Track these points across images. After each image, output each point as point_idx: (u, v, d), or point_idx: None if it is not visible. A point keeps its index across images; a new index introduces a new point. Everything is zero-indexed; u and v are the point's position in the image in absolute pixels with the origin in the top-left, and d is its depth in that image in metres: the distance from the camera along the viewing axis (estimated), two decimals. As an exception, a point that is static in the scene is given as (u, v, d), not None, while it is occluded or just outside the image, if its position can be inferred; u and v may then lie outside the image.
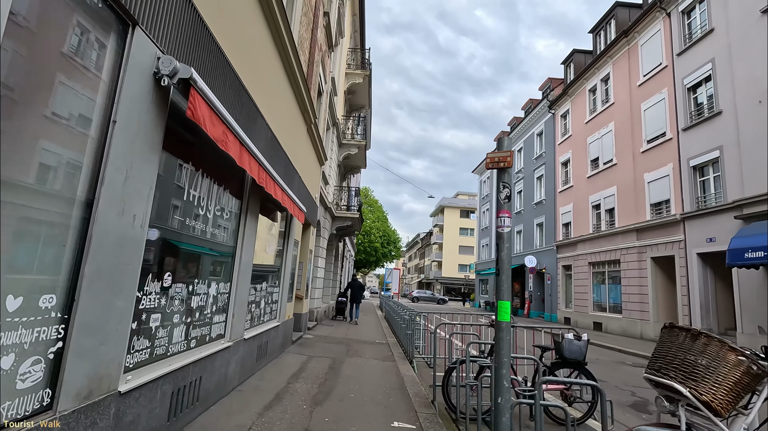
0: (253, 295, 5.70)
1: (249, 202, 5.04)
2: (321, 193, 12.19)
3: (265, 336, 6.31)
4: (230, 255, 4.70)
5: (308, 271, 10.68)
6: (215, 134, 3.26)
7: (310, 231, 10.38)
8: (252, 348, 5.57)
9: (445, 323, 5.89)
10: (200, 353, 3.87)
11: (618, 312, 17.57)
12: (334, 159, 15.23)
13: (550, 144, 25.76)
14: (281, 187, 5.62)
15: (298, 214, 7.13)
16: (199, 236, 3.80)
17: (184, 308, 3.56)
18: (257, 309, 5.99)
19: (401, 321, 10.58)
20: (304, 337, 9.97)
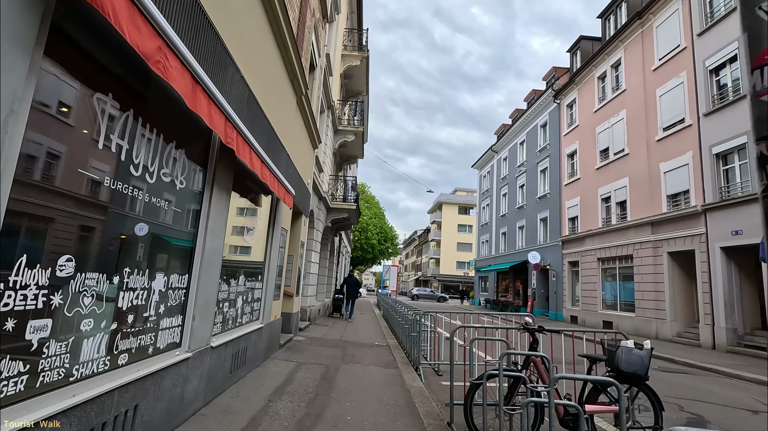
0: (225, 292, 4.60)
1: (216, 174, 3.93)
2: (315, 181, 11.08)
3: (244, 341, 5.21)
4: (188, 241, 3.60)
5: (299, 266, 9.58)
6: (145, 47, 2.15)
7: (302, 221, 9.28)
8: (224, 357, 4.47)
9: (464, 326, 4.79)
10: (136, 372, 2.76)
11: (630, 311, 16.59)
12: (330, 146, 14.11)
13: (555, 135, 24.73)
14: (261, 157, 4.51)
15: (285, 197, 6.03)
16: (127, 208, 2.69)
17: (104, 309, 2.46)
18: (232, 310, 4.88)
19: (403, 321, 9.52)
20: (295, 340, 8.87)
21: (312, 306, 12.42)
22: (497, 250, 33.48)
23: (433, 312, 7.11)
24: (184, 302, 3.55)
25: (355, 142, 16.15)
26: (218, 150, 3.93)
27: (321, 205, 12.95)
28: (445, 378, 6.73)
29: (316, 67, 9.94)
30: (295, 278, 9.02)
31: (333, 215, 14.43)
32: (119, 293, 2.60)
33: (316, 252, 12.61)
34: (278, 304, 7.37)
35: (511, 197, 31.23)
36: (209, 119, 3.03)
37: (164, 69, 2.34)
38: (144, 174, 2.80)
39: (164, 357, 3.20)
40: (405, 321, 8.85)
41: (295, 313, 9.28)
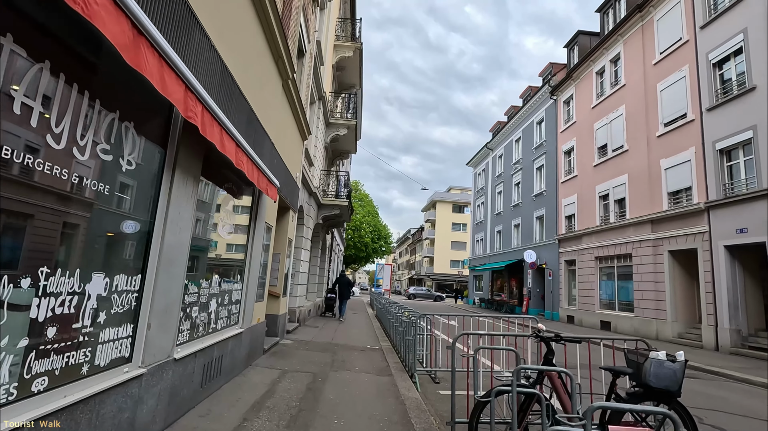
0: (194, 294, 4.01)
1: (180, 156, 3.34)
2: (304, 174, 10.49)
3: (219, 349, 4.63)
4: (141, 234, 3.01)
5: (287, 264, 8.99)
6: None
7: (289, 216, 8.69)
8: (192, 369, 3.88)
9: (468, 334, 4.25)
10: (61, 399, 2.18)
11: (629, 311, 16.21)
12: (321, 139, 13.51)
13: (551, 132, 24.33)
14: (236, 140, 3.93)
15: (268, 189, 5.44)
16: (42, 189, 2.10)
17: (6, 322, 1.87)
18: (204, 314, 4.30)
19: (396, 323, 8.98)
20: (282, 343, 8.29)
21: (302, 307, 11.83)
22: (492, 249, 33.08)
23: (429, 314, 6.58)
24: (136, 308, 2.96)
25: (347, 136, 15.56)
26: (181, 127, 3.34)
27: (311, 200, 12.36)
28: (443, 386, 6.20)
29: (306, 52, 9.34)
30: (282, 277, 8.44)
31: (324, 211, 13.85)
32: (33, 300, 2.02)
33: (305, 250, 12.02)
34: (262, 306, 6.78)
35: (506, 195, 30.83)
36: (161, 84, 2.45)
37: (84, 4, 1.76)
38: (71, 147, 2.21)
39: (106, 376, 2.62)
40: (399, 323, 8.31)
41: (282, 315, 8.69)
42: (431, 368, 6.53)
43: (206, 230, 4.28)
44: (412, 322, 6.80)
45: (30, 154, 1.96)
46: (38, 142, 2.01)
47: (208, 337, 4.41)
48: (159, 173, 3.17)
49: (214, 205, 4.46)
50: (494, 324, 8.55)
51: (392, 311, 9.84)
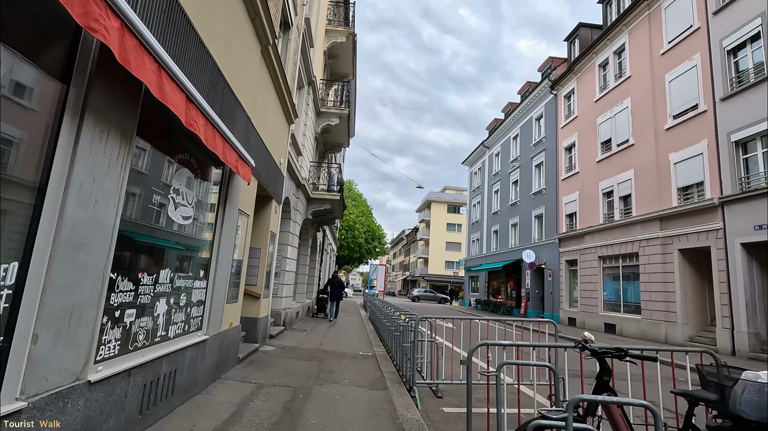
0: (128, 293, 3.04)
1: (92, 96, 2.37)
2: (291, 163, 9.53)
3: (171, 362, 3.67)
4: (21, 202, 2.05)
5: (269, 261, 8.03)
6: None
7: (272, 207, 7.72)
8: (122, 393, 2.92)
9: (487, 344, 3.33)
10: None
11: (636, 313, 15.43)
12: (310, 128, 12.56)
13: (551, 128, 23.57)
14: (184, 89, 2.98)
15: (239, 167, 4.50)
16: None
17: None
18: (145, 319, 3.33)
19: (391, 326, 8.06)
20: (262, 350, 7.31)
21: (288, 309, 10.85)
22: (489, 249, 32.28)
23: (431, 317, 5.65)
24: (11, 311, 2.00)
25: (339, 127, 14.62)
26: (95, 57, 2.38)
27: (299, 193, 11.40)
28: (447, 401, 5.28)
29: (292, 26, 8.39)
30: (263, 276, 7.46)
31: (314, 206, 12.88)
32: None
33: (293, 247, 11.06)
34: (236, 308, 5.81)
35: (503, 194, 30.05)
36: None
37: None
38: None
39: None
40: (395, 327, 7.38)
41: (264, 318, 7.72)
42: (433, 380, 5.60)
43: (150, 210, 3.32)
44: (410, 327, 5.89)
45: None
46: None
47: (154, 348, 3.45)
48: (56, 118, 2.21)
49: (164, 178, 3.50)
50: (505, 330, 7.66)
51: (387, 313, 8.90)
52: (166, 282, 3.62)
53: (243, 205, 5.67)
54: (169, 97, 2.72)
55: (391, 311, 8.67)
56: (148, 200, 3.28)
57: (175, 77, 2.81)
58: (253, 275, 7.31)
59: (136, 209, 3.12)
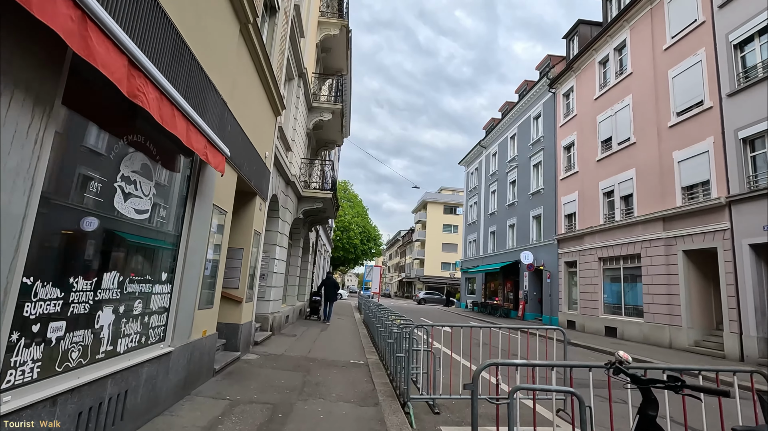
0: (53, 302, 2.46)
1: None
2: (279, 158, 8.96)
3: (119, 382, 3.09)
4: None
5: (254, 262, 7.44)
6: None
7: (256, 204, 7.14)
8: (44, 427, 2.33)
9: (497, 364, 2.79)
10: None
11: (638, 316, 14.96)
12: (301, 123, 11.99)
13: (549, 127, 23.14)
14: (124, 49, 2.42)
15: (208, 154, 3.93)
16: None
17: None
18: (82, 333, 2.75)
19: (385, 332, 7.52)
20: (243, 360, 6.73)
21: (276, 313, 10.26)
22: (485, 250, 31.81)
23: (428, 324, 5.09)
24: None
25: (332, 123, 14.06)
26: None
27: (289, 191, 10.82)
28: (445, 418, 4.73)
29: (279, 10, 7.83)
30: (246, 278, 6.88)
31: (305, 205, 12.30)
32: None
33: (282, 247, 10.48)
34: (210, 314, 5.23)
35: (501, 194, 29.60)
36: None
37: None
38: None
39: None
40: (389, 333, 6.83)
41: (247, 324, 7.13)
42: (430, 394, 5.05)
43: (88, 201, 2.74)
44: (405, 335, 5.34)
45: None
46: None
47: (94, 367, 2.87)
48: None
49: (109, 163, 2.93)
50: (509, 336, 7.06)
51: (381, 318, 8.35)
52: (113, 287, 3.04)
53: (219, 200, 5.10)
54: (99, 55, 2.15)
55: (386, 315, 8.12)
56: (84, 187, 2.70)
57: (108, 31, 2.24)
58: (234, 277, 6.73)
59: (64, 197, 2.54)
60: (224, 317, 6.60)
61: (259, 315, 9.43)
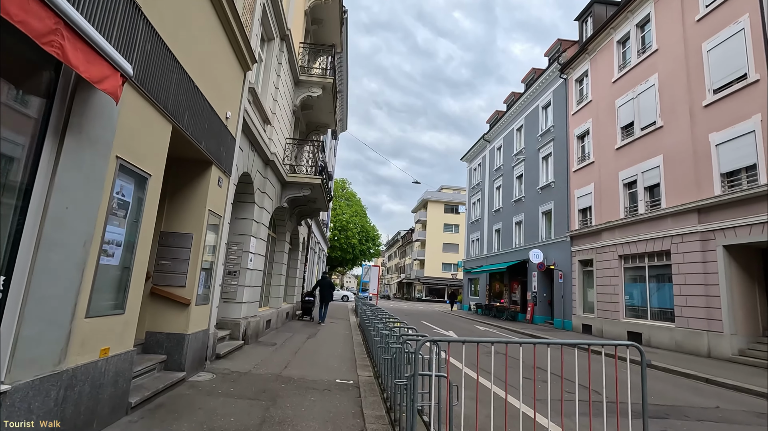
0: None
1: None
2: (249, 125, 7.30)
3: None
4: None
5: (211, 254, 5.75)
6: None
7: (211, 177, 5.46)
8: None
9: None
10: None
11: (668, 320, 13.28)
12: (286, 96, 10.33)
13: (560, 115, 21.51)
14: None
15: (80, 59, 2.27)
16: None
17: None
18: None
19: (380, 342, 5.88)
20: (190, 383, 5.04)
21: (252, 318, 8.57)
22: (490, 249, 30.13)
23: (442, 339, 3.42)
24: None
25: (323, 102, 12.40)
26: None
27: (269, 173, 9.15)
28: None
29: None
30: (197, 273, 5.20)
31: (291, 192, 10.64)
32: None
33: (260, 239, 8.81)
34: (119, 325, 3.54)
35: (506, 190, 27.94)
36: None
37: None
38: None
39: None
40: (385, 347, 5.18)
41: (198, 334, 5.43)
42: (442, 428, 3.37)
43: None
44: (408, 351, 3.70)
45: None
46: None
47: None
48: None
49: None
50: (562, 355, 5.32)
51: (377, 325, 6.69)
52: None
53: (131, 153, 3.43)
54: None
55: (383, 321, 6.46)
56: None
57: None
58: (178, 272, 5.06)
59: None
60: (163, 325, 4.93)
61: (227, 321, 7.76)
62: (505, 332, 17.04)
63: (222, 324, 7.77)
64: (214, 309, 6.06)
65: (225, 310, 7.87)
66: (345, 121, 31.11)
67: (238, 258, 8.04)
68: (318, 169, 10.78)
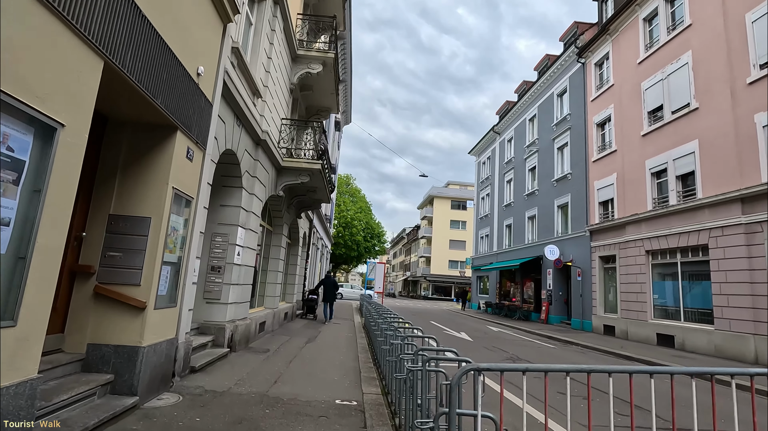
0: None
1: None
2: (231, 89, 6.14)
3: None
4: None
5: (178, 244, 4.60)
6: None
7: (176, 146, 4.30)
8: None
9: None
10: None
11: (705, 322, 12.02)
12: (280, 70, 9.17)
13: (578, 102, 20.19)
14: None
15: None
16: None
17: None
18: None
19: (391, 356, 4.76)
20: (145, 409, 3.89)
21: (241, 321, 7.44)
22: (500, 246, 28.87)
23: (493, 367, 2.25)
24: None
25: (324, 80, 11.23)
26: None
27: (260, 154, 7.99)
28: None
29: None
30: (156, 268, 4.05)
31: (287, 178, 9.48)
32: None
33: (250, 230, 7.67)
34: (12, 341, 2.40)
35: (518, 183, 26.65)
36: None
37: None
38: None
39: None
40: (401, 366, 4.03)
41: (158, 346, 4.28)
42: None
43: None
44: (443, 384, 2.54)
45: None
46: None
47: None
48: None
49: None
50: (672, 388, 4.10)
51: (386, 331, 5.53)
52: None
53: (17, 82, 2.27)
54: None
55: (392, 326, 5.31)
56: None
57: None
58: (131, 267, 3.91)
59: None
60: (110, 335, 3.80)
61: (210, 325, 6.63)
62: (521, 333, 15.84)
63: (204, 329, 6.65)
64: (186, 312, 4.92)
65: (208, 313, 6.74)
66: (349, 114, 29.93)
67: (223, 252, 6.91)
68: (318, 153, 9.61)
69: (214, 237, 6.89)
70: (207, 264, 6.84)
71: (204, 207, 5.27)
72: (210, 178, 5.46)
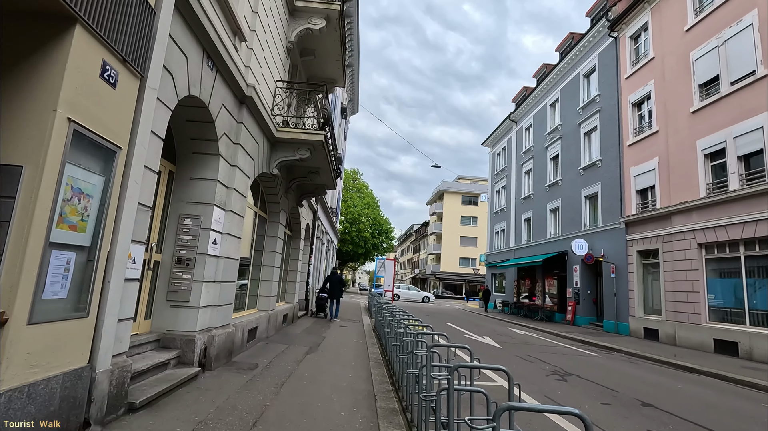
0: None
1: None
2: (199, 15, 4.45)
3: None
4: None
5: (103, 218, 2.91)
6: None
7: (70, 48, 2.61)
8: None
9: None
10: None
11: (781, 327, 10.15)
12: (277, 23, 7.46)
13: (609, 82, 18.24)
14: None
15: None
16: None
17: None
18: None
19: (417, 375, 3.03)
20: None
21: (220, 329, 5.76)
22: (518, 241, 26.99)
23: None
24: None
25: (327, 40, 9.51)
26: None
27: (245, 116, 6.29)
28: None
29: None
30: (35, 253, 2.37)
31: (283, 153, 7.78)
32: None
33: (233, 213, 5.98)
34: None
35: (538, 173, 24.74)
36: None
37: None
38: None
39: None
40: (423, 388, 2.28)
41: (39, 385, 2.60)
42: None
43: None
44: None
45: None
46: None
47: None
48: None
49: None
50: None
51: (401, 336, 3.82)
52: None
53: None
54: None
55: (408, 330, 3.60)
56: None
57: None
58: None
59: None
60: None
61: (175, 336, 4.96)
62: (549, 336, 14.03)
63: (167, 342, 4.98)
64: (112, 325, 3.23)
65: (172, 320, 5.07)
66: (356, 103, 28.20)
67: (193, 239, 5.23)
68: (320, 121, 7.89)
69: (181, 220, 5.22)
70: (172, 255, 5.17)
71: (148, 167, 3.58)
72: (160, 128, 3.77)
